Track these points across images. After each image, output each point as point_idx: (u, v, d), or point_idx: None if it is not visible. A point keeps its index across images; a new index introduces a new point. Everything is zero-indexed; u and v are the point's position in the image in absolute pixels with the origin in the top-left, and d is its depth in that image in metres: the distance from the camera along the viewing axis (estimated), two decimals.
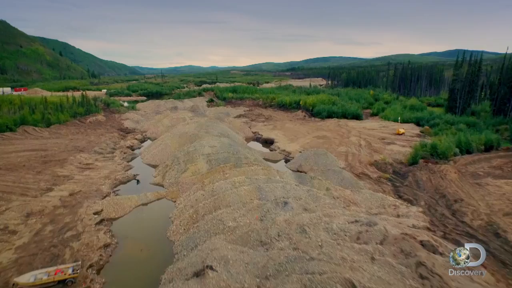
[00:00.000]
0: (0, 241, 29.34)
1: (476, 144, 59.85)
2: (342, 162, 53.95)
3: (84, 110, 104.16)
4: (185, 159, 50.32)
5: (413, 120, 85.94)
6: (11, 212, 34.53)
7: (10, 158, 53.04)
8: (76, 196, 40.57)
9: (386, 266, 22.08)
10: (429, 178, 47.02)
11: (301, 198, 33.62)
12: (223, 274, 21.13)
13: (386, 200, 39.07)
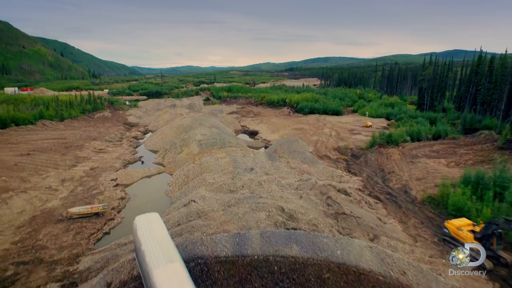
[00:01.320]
0: (49, 194, 41.68)
1: (426, 134, 72.11)
2: (311, 147, 66.21)
3: (92, 107, 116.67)
4: (181, 144, 62.65)
5: (384, 115, 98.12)
6: (51, 178, 46.90)
7: (38, 144, 65.43)
8: (96, 170, 52.92)
9: (308, 200, 34.41)
10: (376, 158, 59.29)
11: (265, 167, 45.91)
12: (201, 204, 33.44)
13: (336, 172, 51.32)
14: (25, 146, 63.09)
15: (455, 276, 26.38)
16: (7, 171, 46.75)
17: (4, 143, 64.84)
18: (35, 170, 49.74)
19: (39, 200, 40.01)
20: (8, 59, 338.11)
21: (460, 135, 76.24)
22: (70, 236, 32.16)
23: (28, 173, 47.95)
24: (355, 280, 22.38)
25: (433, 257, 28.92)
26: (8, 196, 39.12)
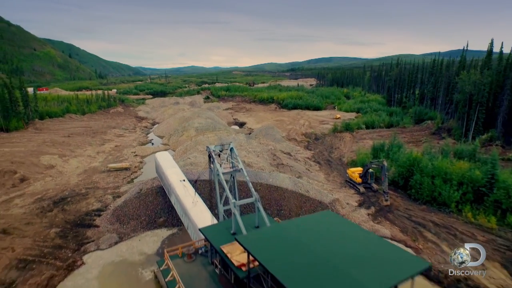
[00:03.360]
0: (91, 159, 61.88)
1: (379, 123, 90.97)
2: (284, 133, 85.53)
3: (106, 104, 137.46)
4: (182, 130, 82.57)
5: (356, 110, 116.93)
6: (89, 151, 67.17)
7: (72, 130, 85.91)
8: (119, 147, 73.07)
9: (262, 158, 53.90)
10: (331, 140, 78.52)
11: (241, 142, 65.48)
12: (193, 159, 53.03)
13: (295, 148, 70.62)
14: (63, 131, 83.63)
15: (339, 193, 45.67)
16: (60, 146, 67.14)
17: (47, 130, 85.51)
18: (77, 146, 70.10)
19: (85, 162, 60.26)
20: (21, 61, 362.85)
21: (411, 124, 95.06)
22: (111, 178, 52.11)
23: (73, 147, 68.30)
24: (276, 191, 41.94)
25: (335, 189, 48.24)
26: (66, 159, 59.44)
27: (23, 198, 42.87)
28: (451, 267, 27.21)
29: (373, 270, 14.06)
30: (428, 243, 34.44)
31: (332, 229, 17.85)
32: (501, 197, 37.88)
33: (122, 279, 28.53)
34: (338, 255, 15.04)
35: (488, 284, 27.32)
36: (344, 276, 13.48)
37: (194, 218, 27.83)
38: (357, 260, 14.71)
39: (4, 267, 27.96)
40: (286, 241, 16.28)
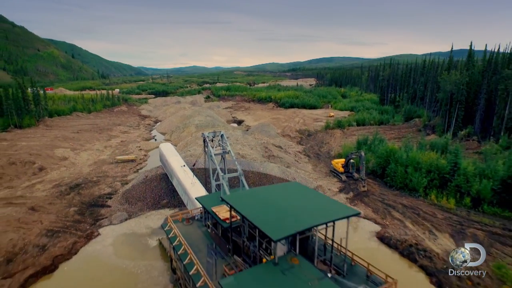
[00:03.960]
0: (99, 152, 68.00)
1: (369, 121, 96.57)
2: (279, 130, 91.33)
3: (110, 103, 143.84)
4: (183, 126, 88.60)
5: (349, 108, 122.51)
6: (97, 145, 73.30)
7: (80, 127, 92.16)
8: (125, 142, 79.15)
9: (255, 150, 59.80)
10: (322, 136, 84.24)
11: (237, 137, 71.37)
12: (192, 152, 58.96)
13: (288, 143, 76.43)
14: (72, 128, 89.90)
15: (323, 181, 51.44)
16: (71, 141, 73.36)
17: (57, 126, 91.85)
18: (86, 141, 76.29)
19: (95, 154, 66.40)
20: (26, 61, 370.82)
21: (401, 122, 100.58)
22: (119, 169, 58.15)
23: (82, 142, 74.49)
24: (265, 178, 47.79)
25: (319, 178, 54.03)
26: (77, 152, 65.61)
27: (43, 184, 48.97)
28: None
29: (319, 214, 19.89)
30: (395, 220, 40.16)
31: (294, 192, 23.71)
32: (461, 182, 43.55)
33: (132, 246, 34.48)
34: (295, 207, 20.87)
35: (435, 248, 33.05)
36: (297, 218, 19.30)
37: (192, 195, 33.72)
38: (309, 209, 20.55)
39: (36, 235, 33.99)
40: (258, 199, 22.17)
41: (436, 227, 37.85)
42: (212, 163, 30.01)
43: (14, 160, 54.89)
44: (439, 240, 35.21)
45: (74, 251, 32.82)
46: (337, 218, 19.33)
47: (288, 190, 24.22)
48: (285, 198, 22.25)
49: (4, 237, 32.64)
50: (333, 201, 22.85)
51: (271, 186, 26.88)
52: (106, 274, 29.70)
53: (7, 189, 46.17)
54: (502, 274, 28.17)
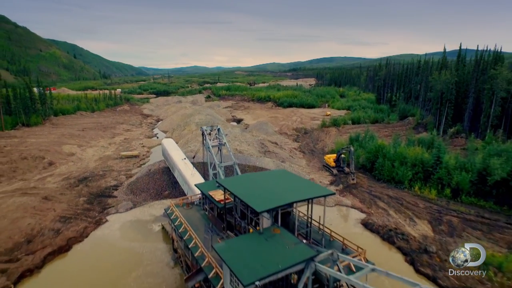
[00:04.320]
0: (104, 148, 71.69)
1: (364, 119, 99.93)
2: (277, 128, 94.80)
3: (113, 103, 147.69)
4: (184, 125, 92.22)
5: (346, 107, 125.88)
6: (102, 142, 76.98)
7: (85, 125, 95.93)
8: (128, 139, 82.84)
9: (252, 146, 63.32)
10: (318, 133, 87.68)
11: (236, 134, 74.91)
12: (193, 148, 62.54)
13: (284, 140, 79.91)
14: (77, 126, 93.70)
15: (315, 174, 54.89)
16: (77, 138, 77.10)
17: (63, 125, 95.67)
18: (91, 138, 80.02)
19: (100, 151, 70.07)
20: (28, 61, 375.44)
21: (395, 120, 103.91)
22: (123, 164, 61.77)
23: (88, 139, 78.22)
24: (260, 170, 51.14)
25: (312, 172, 57.47)
26: (84, 148, 69.32)
27: (53, 177, 52.63)
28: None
29: (299, 193, 23.34)
30: (379, 209, 43.59)
31: (281, 177, 27.20)
32: (442, 175, 46.95)
33: (137, 230, 38.06)
34: (280, 188, 24.33)
35: (412, 233, 36.48)
36: (280, 196, 22.77)
37: (192, 184, 37.24)
38: (291, 190, 23.99)
39: (51, 220, 37.60)
40: (249, 182, 25.68)
41: (417, 215, 41.26)
42: (210, 154, 33.52)
43: (26, 155, 58.60)
44: (418, 226, 38.64)
45: (85, 235, 36.41)
46: (314, 196, 22.84)
47: (275, 175, 27.76)
48: (272, 181, 25.76)
49: (23, 222, 36.27)
50: (313, 184, 26.39)
51: (261, 172, 30.45)
52: (115, 254, 33.27)
53: (21, 181, 49.83)
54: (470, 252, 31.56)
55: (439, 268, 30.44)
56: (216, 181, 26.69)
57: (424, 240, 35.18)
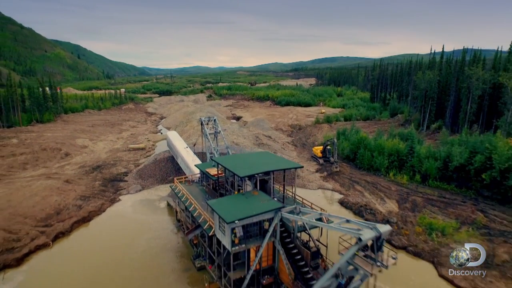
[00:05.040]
0: (113, 142, 78.96)
1: (356, 116, 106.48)
2: (273, 124, 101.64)
3: (118, 101, 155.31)
4: (186, 121, 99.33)
5: (341, 106, 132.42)
6: (111, 137, 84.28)
7: (93, 122, 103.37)
8: (135, 134, 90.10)
9: (248, 139, 70.32)
10: (311, 129, 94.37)
11: (234, 131, 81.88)
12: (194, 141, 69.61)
13: (278, 135, 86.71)
14: (87, 123, 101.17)
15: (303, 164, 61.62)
16: (87, 133, 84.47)
17: (73, 121, 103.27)
18: (100, 133, 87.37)
19: (110, 144, 77.33)
20: (34, 62, 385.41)
21: (386, 118, 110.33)
22: (131, 155, 68.91)
23: (98, 134, 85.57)
24: None
25: (301, 162, 64.19)
26: (95, 142, 76.65)
27: (70, 166, 59.87)
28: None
29: (274, 166, 30.13)
30: (356, 191, 50.27)
31: (264, 156, 34.05)
32: (414, 163, 53.54)
33: (146, 207, 45.05)
34: (260, 162, 31.11)
35: (380, 209, 43.17)
36: (259, 167, 29.54)
37: (192, 167, 44.16)
38: (269, 163, 30.76)
39: (73, 198, 44.70)
40: (237, 159, 32.56)
41: (387, 196, 47.90)
42: (207, 140, 40.43)
43: (45, 147, 65.92)
44: (387, 204, 45.31)
45: (102, 210, 43.49)
46: (286, 168, 29.71)
47: (259, 154, 34.67)
48: (255, 158, 32.63)
49: (51, 199, 43.40)
50: (288, 160, 33.28)
51: (248, 153, 37.30)
52: (128, 223, 40.29)
53: (44, 168, 57.08)
54: (422, 222, 38.27)
55: (396, 233, 37.10)
56: (211, 159, 33.55)
57: (388, 214, 41.85)
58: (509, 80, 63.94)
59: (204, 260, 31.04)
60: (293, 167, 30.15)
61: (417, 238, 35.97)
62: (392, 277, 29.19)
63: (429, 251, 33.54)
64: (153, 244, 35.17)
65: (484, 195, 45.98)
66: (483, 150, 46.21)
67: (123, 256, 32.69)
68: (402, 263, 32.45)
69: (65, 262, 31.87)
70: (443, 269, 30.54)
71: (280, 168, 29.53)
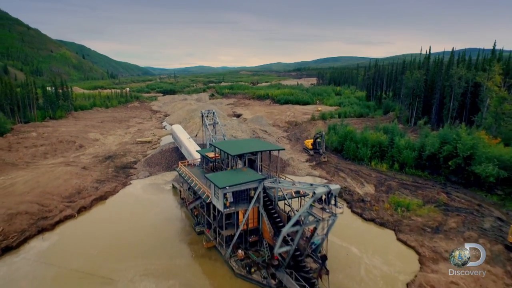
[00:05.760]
0: (122, 136, 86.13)
1: (349, 113, 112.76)
2: (271, 121, 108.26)
3: (124, 100, 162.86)
4: (189, 118, 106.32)
5: (338, 104, 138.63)
6: (119, 132, 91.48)
7: (102, 119, 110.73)
8: (141, 130, 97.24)
9: (245, 133, 77.06)
10: (306, 125, 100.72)
11: (233, 126, 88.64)
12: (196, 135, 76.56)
13: (275, 130, 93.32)
14: (96, 119, 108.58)
15: (295, 155, 68.21)
16: (98, 128, 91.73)
17: (83, 118, 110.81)
18: (109, 128, 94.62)
19: (119, 138, 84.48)
20: (41, 62, 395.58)
21: (380, 115, 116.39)
22: (139, 147, 75.93)
23: (107, 129, 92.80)
24: None
25: (293, 153, 70.78)
26: (105, 136, 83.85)
27: (85, 156, 66.98)
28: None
29: (261, 148, 36.84)
30: (340, 177, 56.72)
31: (254, 140, 40.76)
32: (394, 153, 59.84)
33: (154, 188, 51.90)
34: (250, 145, 37.83)
35: (358, 191, 49.62)
36: (248, 148, 36.23)
37: (194, 155, 50.93)
38: (257, 146, 37.47)
39: (91, 181, 51.71)
40: (231, 143, 39.30)
41: (367, 181, 54.29)
42: (207, 129, 47.18)
43: (61, 140, 73.19)
44: (365, 187, 51.75)
45: (116, 191, 50.43)
46: (270, 149, 36.41)
47: (250, 140, 41.36)
48: (246, 143, 39.34)
49: (71, 181, 50.44)
50: (273, 145, 39.99)
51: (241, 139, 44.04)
52: (139, 201, 47.15)
53: (62, 157, 64.23)
54: (392, 201, 44.67)
55: (367, 209, 43.59)
56: (210, 144, 40.30)
57: (364, 195, 48.31)
58: (484, 80, 69.98)
59: (203, 226, 37.78)
60: (276, 149, 36.86)
61: (385, 212, 42.41)
62: (359, 241, 35.90)
63: (393, 222, 39.98)
64: (160, 217, 42.00)
65: (452, 180, 52.23)
66: (451, 140, 52.50)
67: (136, 225, 39.49)
68: (370, 231, 39.23)
69: (88, 229, 38.75)
70: (401, 234, 37.00)
71: (266, 149, 36.22)
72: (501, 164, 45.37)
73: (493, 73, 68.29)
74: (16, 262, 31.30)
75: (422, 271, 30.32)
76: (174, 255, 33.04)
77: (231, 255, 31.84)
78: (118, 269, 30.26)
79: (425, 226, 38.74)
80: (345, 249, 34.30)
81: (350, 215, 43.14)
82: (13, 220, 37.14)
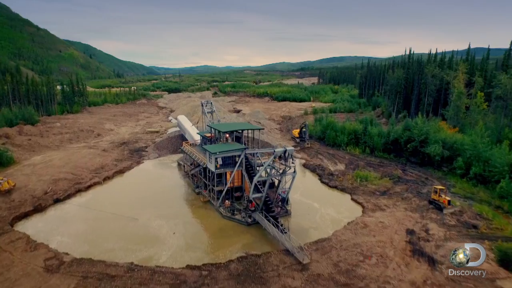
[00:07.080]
0: (132, 128, 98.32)
1: (340, 109, 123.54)
2: (267, 115, 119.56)
3: (132, 97, 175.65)
4: (192, 112, 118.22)
5: (331, 101, 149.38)
6: (130, 124, 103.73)
7: (113, 113, 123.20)
8: (150, 122, 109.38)
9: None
10: (298, 119, 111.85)
11: (232, 119, 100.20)
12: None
13: (270, 123, 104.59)
14: (108, 114, 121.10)
15: (283, 142, 79.50)
16: (111, 120, 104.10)
17: (97, 113, 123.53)
18: (121, 121, 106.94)
19: (130, 129, 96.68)
20: (50, 62, 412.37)
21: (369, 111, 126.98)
22: (148, 136, 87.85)
23: (119, 121, 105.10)
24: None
25: (282, 140, 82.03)
26: (118, 127, 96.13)
27: (103, 142, 79.05)
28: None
29: (247, 127, 48.33)
30: (318, 159, 67.80)
31: (242, 123, 52.23)
32: (367, 140, 70.75)
33: (162, 166, 63.61)
34: (238, 126, 49.29)
35: (330, 168, 60.69)
36: (236, 128, 47.66)
37: (196, 137, 62.44)
38: (244, 126, 49.01)
39: (110, 160, 63.62)
40: (224, 124, 50.87)
41: (340, 161, 65.27)
42: (205, 116, 58.73)
43: (82, 129, 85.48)
44: (337, 166, 62.79)
45: (132, 167, 62.22)
46: (253, 128, 47.89)
47: (239, 123, 52.80)
48: (235, 124, 50.80)
49: (95, 160, 62.39)
50: (256, 126, 51.58)
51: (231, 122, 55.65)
52: (150, 174, 58.89)
53: (84, 142, 76.39)
54: (355, 174, 55.65)
55: (333, 180, 54.62)
56: (207, 126, 51.91)
57: (335, 171, 59.35)
58: (450, 78, 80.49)
59: (201, 188, 49.30)
60: (257, 128, 48.30)
61: (347, 182, 53.44)
62: (321, 200, 47.03)
63: (351, 188, 51.00)
64: (168, 183, 53.67)
65: (411, 161, 62.99)
66: (411, 128, 63.33)
67: (148, 190, 51.05)
68: (331, 194, 50.41)
69: (112, 192, 50.50)
70: (355, 196, 47.99)
71: (249, 128, 47.72)
72: (446, 145, 56.29)
73: (459, 72, 78.77)
74: (65, 208, 43.17)
75: (362, 216, 41.39)
76: (179, 206, 44.65)
77: (220, 204, 43.32)
78: (139, 213, 41.80)
79: (376, 191, 49.73)
80: (308, 204, 45.51)
81: (318, 184, 54.37)
82: (57, 183, 49.11)
